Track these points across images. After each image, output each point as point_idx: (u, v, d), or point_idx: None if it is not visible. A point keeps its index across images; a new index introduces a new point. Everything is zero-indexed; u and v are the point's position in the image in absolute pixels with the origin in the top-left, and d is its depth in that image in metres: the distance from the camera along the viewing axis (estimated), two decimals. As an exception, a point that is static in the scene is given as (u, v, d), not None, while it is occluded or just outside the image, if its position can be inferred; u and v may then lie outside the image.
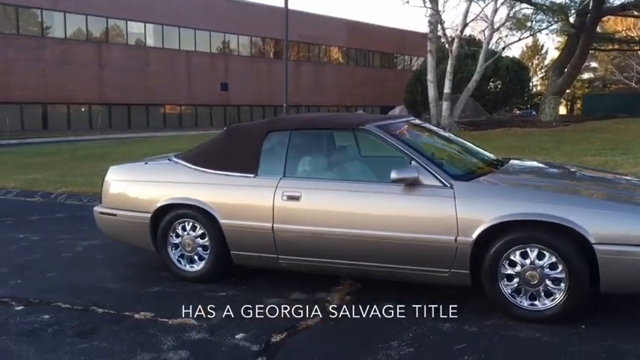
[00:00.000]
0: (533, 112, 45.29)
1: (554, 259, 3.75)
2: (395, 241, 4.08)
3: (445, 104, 19.09)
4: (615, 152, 12.24)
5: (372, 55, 54.18)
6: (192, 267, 4.85)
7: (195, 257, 4.83)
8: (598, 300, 4.01)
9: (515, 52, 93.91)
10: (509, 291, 3.89)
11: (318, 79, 48.60)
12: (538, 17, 19.04)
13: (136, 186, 5.05)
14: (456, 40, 19.19)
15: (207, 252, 4.77)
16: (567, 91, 55.64)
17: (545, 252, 3.76)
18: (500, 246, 3.84)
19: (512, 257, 3.85)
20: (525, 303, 3.87)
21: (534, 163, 5.17)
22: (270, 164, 4.58)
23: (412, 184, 4.06)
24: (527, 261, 3.82)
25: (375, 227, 4.13)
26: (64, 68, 32.78)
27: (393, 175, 4.01)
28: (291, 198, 4.38)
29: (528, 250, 3.81)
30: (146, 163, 5.32)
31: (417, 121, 5.32)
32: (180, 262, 4.89)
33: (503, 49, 20.84)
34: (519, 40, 20.69)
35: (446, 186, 4.00)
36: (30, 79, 31.36)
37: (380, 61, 55.11)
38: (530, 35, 20.08)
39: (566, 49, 20.28)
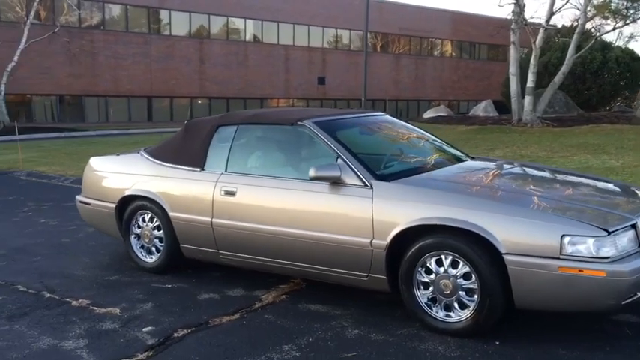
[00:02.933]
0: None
1: (467, 269, 3.46)
2: (317, 241, 3.95)
3: (528, 99, 18.03)
4: (697, 153, 11.00)
5: (477, 47, 52.27)
6: (150, 257, 4.98)
7: (153, 248, 4.95)
8: (538, 316, 3.66)
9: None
10: (425, 300, 3.65)
11: (419, 72, 47.74)
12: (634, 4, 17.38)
13: (106, 177, 5.25)
14: (540, 31, 18.06)
15: (163, 244, 4.87)
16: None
17: (459, 260, 3.49)
18: (415, 251, 3.61)
19: (428, 264, 3.61)
20: (441, 313, 3.61)
21: (491, 164, 4.74)
22: (216, 159, 4.59)
23: (336, 183, 3.91)
24: (442, 269, 3.56)
25: (300, 226, 4.02)
26: (169, 63, 34.55)
27: (311, 172, 3.88)
28: (228, 193, 4.37)
29: (443, 257, 3.55)
30: (118, 155, 5.51)
31: (386, 117, 5.09)
32: (141, 252, 5.04)
33: (596, 39, 19.24)
34: (613, 29, 19.04)
35: (366, 186, 3.81)
36: (137, 73, 33.39)
37: (487, 53, 53.04)
38: (626, 24, 18.41)
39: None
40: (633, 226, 3.33)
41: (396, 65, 46.23)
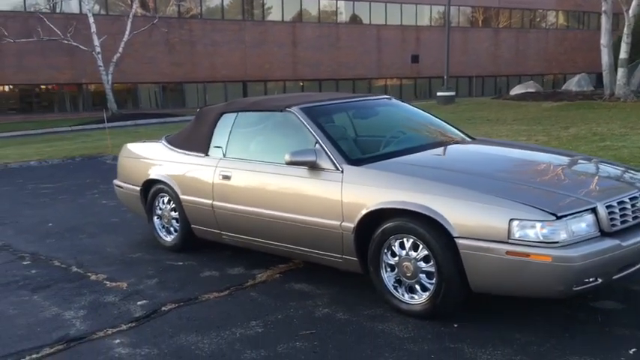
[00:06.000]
0: None
1: (426, 252, 3.49)
2: (297, 223, 4.12)
3: (620, 71, 16.84)
4: None
5: (587, 16, 49.06)
6: (170, 237, 5.36)
7: (171, 229, 5.33)
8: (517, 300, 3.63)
9: None
10: (392, 282, 3.72)
11: (520, 46, 45.61)
12: None
13: (133, 162, 5.68)
14: (635, -3, 16.75)
15: (178, 224, 5.22)
16: None
17: (419, 243, 3.52)
18: (380, 234, 3.68)
19: (392, 247, 3.66)
20: (406, 296, 3.67)
21: (476, 147, 4.60)
22: (218, 145, 4.85)
23: (314, 168, 4.03)
24: (404, 252, 3.61)
25: (282, 209, 4.20)
26: (262, 48, 35.46)
27: (286, 157, 4.03)
28: (224, 177, 4.63)
29: (405, 240, 3.60)
30: (144, 142, 5.92)
31: (390, 101, 5.08)
32: (162, 232, 5.43)
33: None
34: None
35: (338, 170, 3.91)
36: (232, 59, 34.59)
37: (597, 22, 49.60)
38: None
39: None
40: (593, 210, 3.20)
41: (495, 40, 44.45)
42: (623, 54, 16.77)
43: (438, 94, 25.53)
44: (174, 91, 34.83)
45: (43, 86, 30.47)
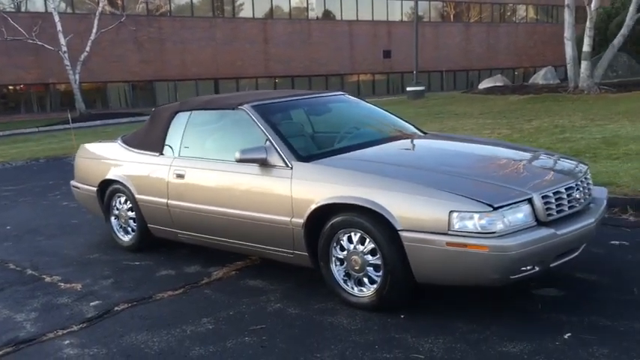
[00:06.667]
0: None
1: (373, 245, 3.56)
2: (249, 220, 4.15)
3: (584, 64, 17.14)
4: None
5: (555, 9, 49.74)
6: (127, 237, 5.35)
7: (129, 229, 5.32)
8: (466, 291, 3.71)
9: None
10: (342, 275, 3.78)
11: (491, 40, 46.09)
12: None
13: (90, 163, 5.65)
14: (596, -9, 17.06)
15: (135, 224, 5.22)
16: None
17: (365, 237, 3.58)
18: (329, 229, 3.74)
19: (341, 241, 3.72)
20: (355, 289, 3.73)
21: (433, 142, 4.69)
22: (172, 144, 4.86)
23: (264, 165, 4.07)
24: (352, 246, 3.67)
25: (235, 206, 4.23)
26: (234, 45, 35.30)
27: (237, 155, 4.05)
28: (178, 176, 4.64)
29: (352, 234, 3.66)
30: (100, 142, 5.89)
31: (342, 97, 5.13)
32: (120, 232, 5.42)
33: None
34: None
35: (287, 166, 3.95)
36: (203, 57, 34.36)
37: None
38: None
39: None
40: (530, 201, 3.30)
41: (466, 34, 44.85)
42: (586, 47, 17.08)
43: (408, 89, 25.72)
44: (145, 90, 34.46)
45: (10, 87, 29.97)
